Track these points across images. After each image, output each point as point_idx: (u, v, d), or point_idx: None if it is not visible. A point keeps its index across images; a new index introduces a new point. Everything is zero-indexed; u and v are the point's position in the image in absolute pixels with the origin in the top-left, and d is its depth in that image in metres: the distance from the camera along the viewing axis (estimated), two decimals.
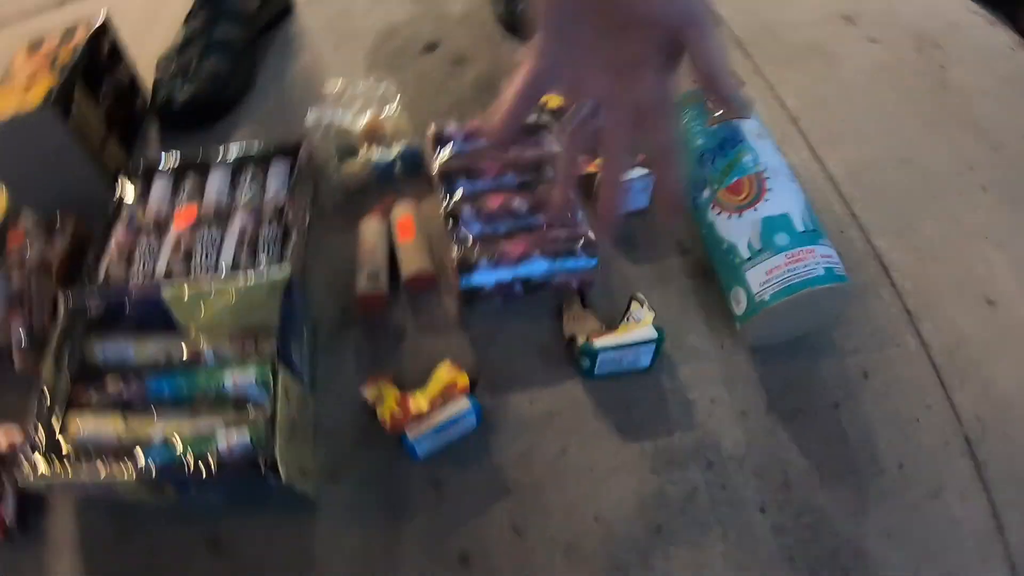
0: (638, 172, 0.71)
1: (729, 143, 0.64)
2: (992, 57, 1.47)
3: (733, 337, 0.68)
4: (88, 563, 0.57)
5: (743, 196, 0.61)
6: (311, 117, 0.76)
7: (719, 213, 0.63)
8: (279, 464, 0.49)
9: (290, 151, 0.75)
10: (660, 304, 0.67)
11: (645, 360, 0.61)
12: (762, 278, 0.58)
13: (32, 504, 0.59)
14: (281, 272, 0.58)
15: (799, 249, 0.58)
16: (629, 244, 0.71)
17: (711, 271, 0.73)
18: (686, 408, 0.62)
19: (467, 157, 0.70)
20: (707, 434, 0.60)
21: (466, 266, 0.62)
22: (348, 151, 0.76)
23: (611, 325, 0.63)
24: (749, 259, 0.59)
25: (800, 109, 0.96)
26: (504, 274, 0.61)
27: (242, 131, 0.86)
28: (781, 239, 0.59)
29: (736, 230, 0.61)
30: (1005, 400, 0.77)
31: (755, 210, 0.60)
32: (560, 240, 0.64)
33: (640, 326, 0.60)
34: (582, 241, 0.64)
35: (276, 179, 0.72)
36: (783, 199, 0.61)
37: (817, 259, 0.58)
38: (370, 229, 0.69)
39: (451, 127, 0.73)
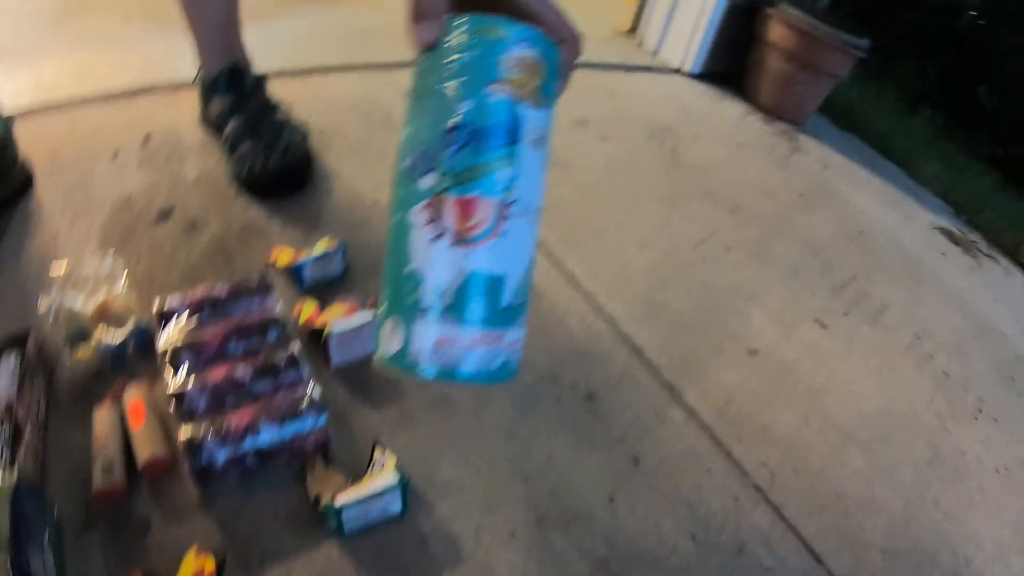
0: (365, 317, 0.83)
1: (498, 136, 0.49)
2: (723, 129, 1.85)
3: (489, 460, 0.76)
4: None
5: (469, 224, 0.50)
6: (43, 303, 0.80)
7: (427, 225, 0.50)
8: None
9: (18, 342, 0.78)
10: (407, 443, 0.75)
11: (395, 506, 0.68)
12: (431, 342, 0.50)
13: None
14: (6, 479, 0.59)
15: (489, 331, 0.51)
16: (367, 389, 0.81)
17: (454, 398, 0.83)
18: (450, 544, 0.68)
19: (192, 331, 0.78)
20: (478, 565, 0.67)
21: (194, 446, 0.68)
22: (80, 335, 0.80)
23: (358, 477, 0.70)
24: (429, 308, 0.50)
25: None
26: (234, 448, 0.68)
27: None
28: (477, 310, 0.50)
29: (434, 262, 0.50)
30: (787, 439, 0.93)
31: (470, 253, 0.49)
32: (285, 404, 0.72)
33: (382, 473, 0.69)
34: (306, 401, 0.73)
35: (4, 374, 0.74)
36: (512, 252, 0.51)
37: (502, 347, 0.52)
38: (102, 418, 0.73)
39: (175, 301, 0.81)
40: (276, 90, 1.18)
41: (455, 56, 0.49)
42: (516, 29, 0.49)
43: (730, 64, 2.13)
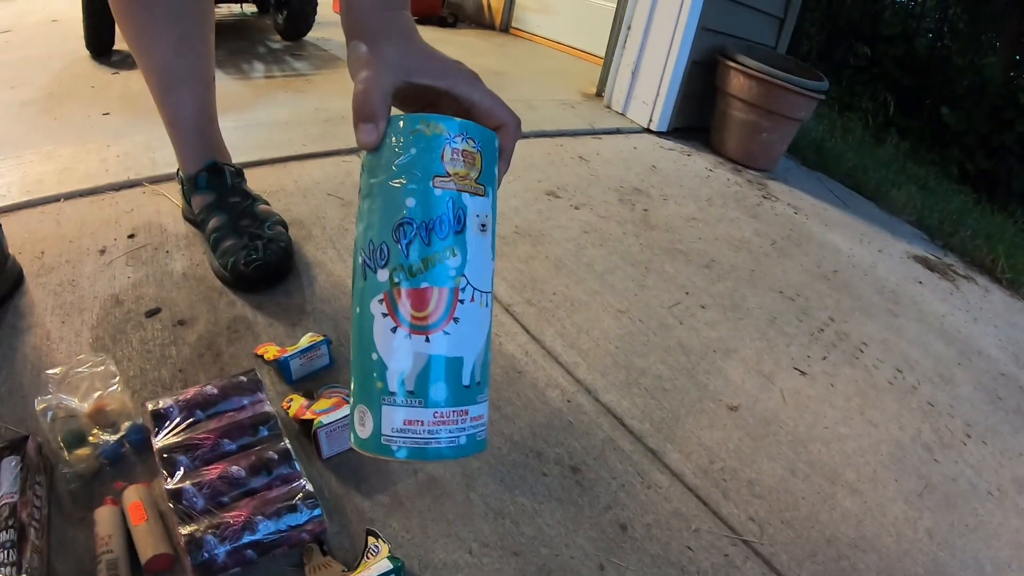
0: (344, 412, 0.87)
1: (445, 225, 0.52)
2: (693, 184, 1.91)
3: (480, 539, 0.78)
4: None
5: (424, 313, 0.53)
6: (39, 404, 0.84)
7: (385, 317, 0.53)
8: None
9: (17, 445, 0.82)
10: (400, 528, 0.78)
11: None
12: (398, 424, 0.53)
13: None
14: None
15: (452, 410, 0.54)
16: (359, 477, 0.85)
17: (443, 481, 0.87)
18: None
19: (186, 431, 0.83)
20: None
21: (194, 543, 0.72)
22: (77, 436, 0.85)
23: (354, 565, 0.74)
24: (392, 394, 0.53)
25: (512, 295, 1.21)
26: (233, 543, 0.72)
27: None
28: (439, 392, 0.53)
29: (395, 351, 0.53)
30: (773, 490, 0.96)
31: (428, 340, 0.53)
32: (280, 499, 0.77)
33: (377, 559, 0.72)
34: (301, 495, 0.77)
35: (5, 478, 0.78)
36: (467, 335, 0.54)
37: (465, 424, 0.54)
38: (103, 518, 0.77)
39: (167, 403, 0.86)
40: (255, 180, 1.24)
41: (398, 155, 0.53)
42: (452, 123, 0.53)
43: (696, 118, 2.22)
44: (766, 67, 1.95)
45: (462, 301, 0.54)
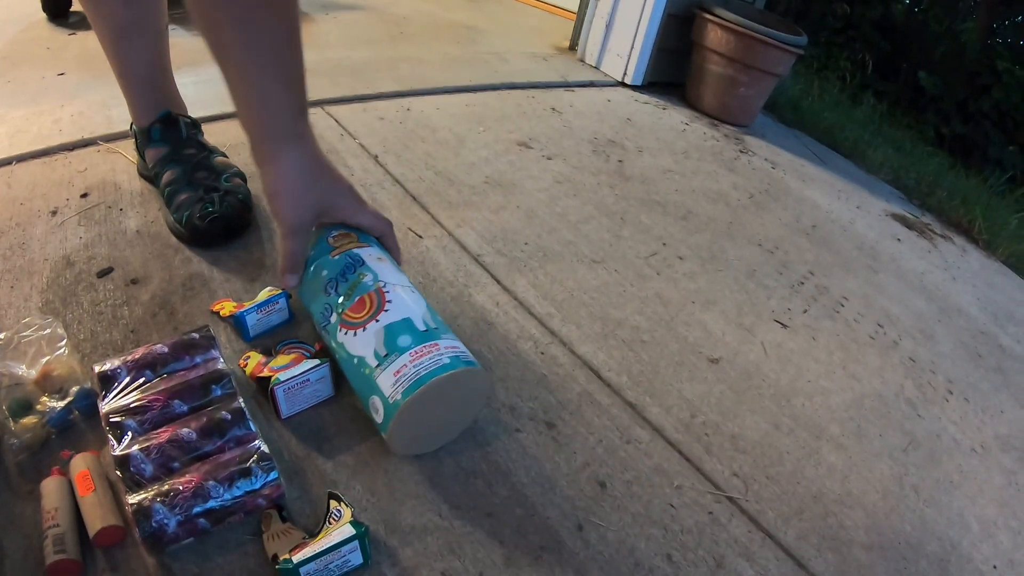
0: (311, 365, 0.81)
1: (350, 269, 0.79)
2: (669, 138, 1.86)
3: (450, 500, 0.73)
4: None
5: (366, 311, 0.74)
6: None
7: (347, 333, 0.74)
8: None
9: None
10: (365, 491, 0.73)
11: (356, 558, 0.65)
12: (391, 380, 0.69)
13: None
14: None
15: (423, 345, 0.70)
16: (320, 438, 0.79)
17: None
18: None
19: (134, 393, 0.76)
20: None
21: (142, 513, 0.66)
22: (23, 405, 0.78)
23: (315, 531, 0.68)
24: (378, 366, 0.70)
25: (481, 245, 1.15)
26: (184, 512, 0.66)
27: None
28: (404, 340, 0.70)
29: (363, 344, 0.72)
30: (757, 445, 0.92)
31: (377, 321, 0.73)
32: (233, 462, 0.70)
33: (339, 525, 0.66)
34: (255, 457, 0.71)
35: None
36: (403, 307, 0.74)
37: (442, 351, 0.70)
38: (50, 490, 0.71)
39: (115, 364, 0.79)
40: (214, 134, 1.17)
41: (313, 261, 0.84)
42: (330, 227, 0.86)
43: (672, 73, 2.16)
44: (745, 20, 1.89)
45: (387, 292, 0.76)
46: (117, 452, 0.73)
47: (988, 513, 0.92)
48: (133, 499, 0.68)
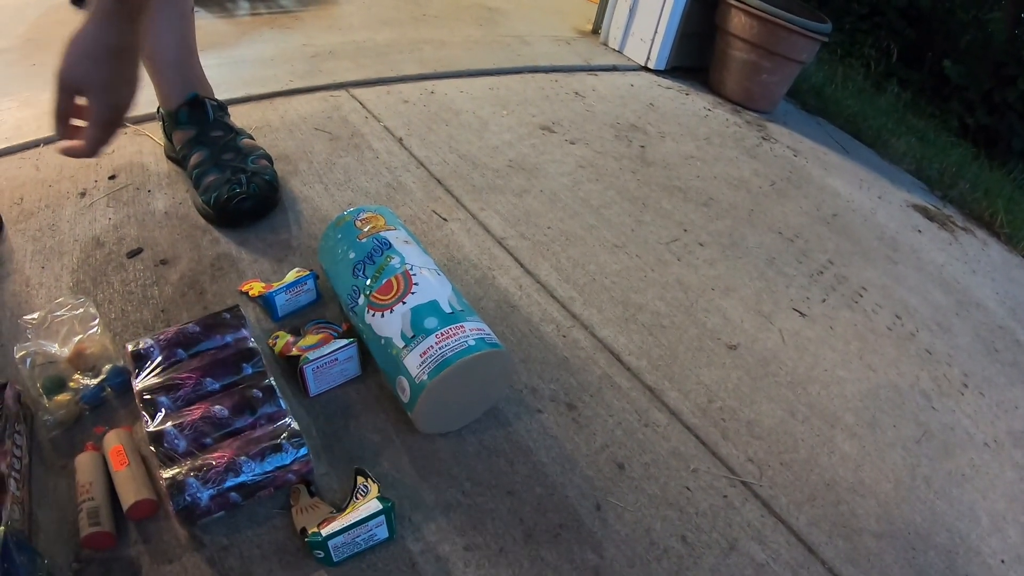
0: (341, 343, 0.83)
1: (377, 252, 0.82)
2: (691, 123, 1.86)
3: (473, 477, 0.73)
4: None
5: (392, 293, 0.77)
6: (18, 351, 0.80)
7: (374, 314, 0.77)
8: None
9: None
10: (391, 467, 0.75)
11: (382, 532, 0.68)
12: (418, 361, 0.71)
13: None
14: None
15: (448, 327, 0.72)
16: (347, 416, 0.81)
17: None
18: (441, 565, 0.68)
19: (167, 371, 0.79)
20: None
21: (176, 487, 0.68)
22: (57, 382, 0.81)
23: (343, 506, 0.71)
24: (405, 347, 0.73)
25: (505, 229, 1.16)
26: (216, 486, 0.68)
27: None
28: (430, 322, 0.73)
29: (390, 325, 0.75)
30: (772, 432, 0.93)
31: (404, 303, 0.75)
32: (265, 438, 0.72)
33: (366, 500, 0.69)
34: (286, 434, 0.73)
35: None
36: (430, 289, 0.77)
37: (467, 333, 0.72)
38: (84, 465, 0.73)
39: (148, 342, 0.81)
40: (240, 117, 1.18)
41: (339, 242, 0.88)
42: (353, 210, 0.90)
43: (695, 58, 2.15)
44: (769, 6, 1.88)
45: (414, 274, 0.79)
46: (151, 428, 0.75)
47: (998, 507, 0.93)
48: (167, 473, 0.71)
